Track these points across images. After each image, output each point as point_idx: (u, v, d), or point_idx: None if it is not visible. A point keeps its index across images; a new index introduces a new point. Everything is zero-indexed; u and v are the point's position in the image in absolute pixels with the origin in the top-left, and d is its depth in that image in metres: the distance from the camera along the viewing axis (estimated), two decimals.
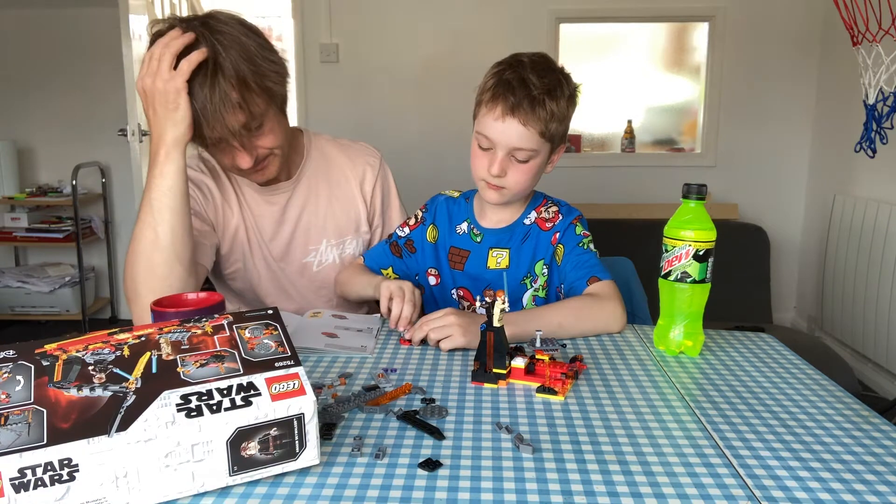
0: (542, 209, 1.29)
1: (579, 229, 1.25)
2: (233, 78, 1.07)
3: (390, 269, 1.36)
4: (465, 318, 1.06)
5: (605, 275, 1.20)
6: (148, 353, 0.67)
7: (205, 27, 1.08)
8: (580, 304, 1.16)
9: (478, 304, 1.30)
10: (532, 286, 1.27)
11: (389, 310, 1.13)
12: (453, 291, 1.31)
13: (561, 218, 1.27)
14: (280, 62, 1.16)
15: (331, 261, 1.37)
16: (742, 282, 3.06)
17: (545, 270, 1.26)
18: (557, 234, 1.25)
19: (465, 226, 1.32)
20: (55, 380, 0.63)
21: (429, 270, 1.34)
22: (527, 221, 1.28)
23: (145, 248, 1.07)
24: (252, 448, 0.64)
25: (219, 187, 1.29)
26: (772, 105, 3.55)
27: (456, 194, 1.36)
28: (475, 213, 1.32)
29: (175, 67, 1.05)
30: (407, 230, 1.37)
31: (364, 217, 1.39)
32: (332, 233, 1.36)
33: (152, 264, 1.07)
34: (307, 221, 1.34)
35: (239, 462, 0.64)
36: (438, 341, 1.05)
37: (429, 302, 1.34)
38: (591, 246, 1.24)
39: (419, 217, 1.37)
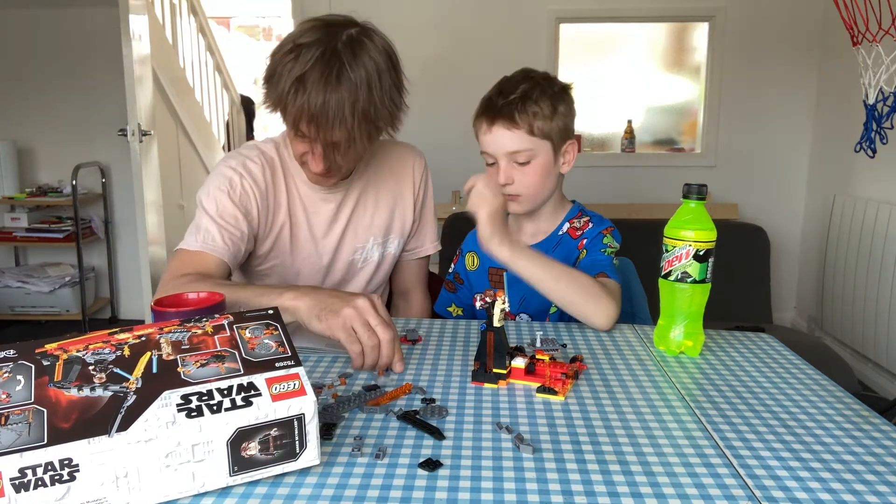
0: (576, 220, 1.30)
1: (607, 239, 1.26)
2: (358, 105, 1.08)
3: (453, 306, 1.43)
4: None
5: (614, 276, 1.21)
6: (148, 353, 0.67)
7: (359, 45, 1.10)
8: (587, 281, 1.15)
9: (478, 303, 1.30)
10: None
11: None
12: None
13: (591, 227, 1.29)
14: (400, 105, 1.17)
15: (375, 258, 1.38)
16: (742, 282, 3.06)
17: None
18: (584, 241, 1.27)
19: None
20: (55, 380, 0.63)
21: (475, 297, 1.36)
22: (560, 233, 1.31)
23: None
24: (252, 448, 0.64)
25: (274, 184, 1.28)
26: (772, 105, 3.55)
27: None
28: (511, 231, 1.34)
29: None
30: (452, 266, 1.44)
31: (410, 216, 1.40)
32: (378, 231, 1.37)
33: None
34: (357, 220, 1.34)
35: (239, 462, 0.64)
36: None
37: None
38: (614, 259, 1.26)
39: (459, 250, 1.44)
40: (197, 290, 0.97)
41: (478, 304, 0.94)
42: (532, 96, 1.20)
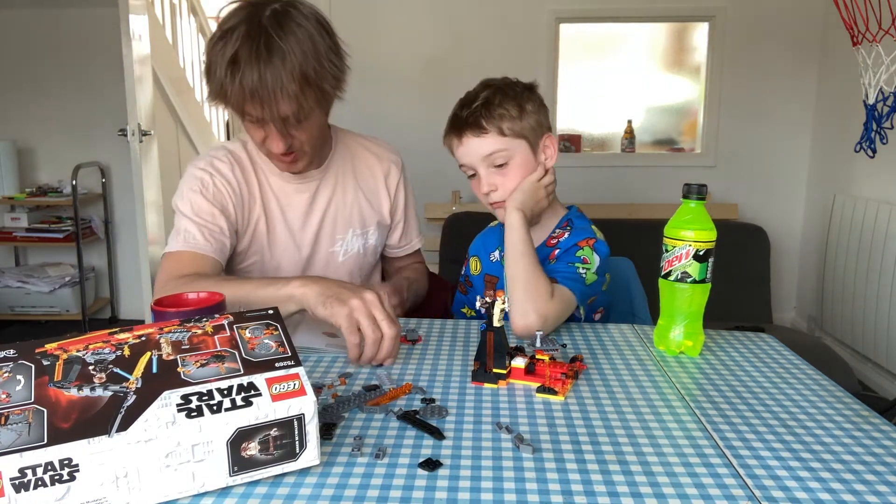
0: (559, 229, 1.28)
1: (581, 252, 1.21)
2: (296, 71, 1.09)
3: (466, 307, 1.42)
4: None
5: (569, 284, 1.16)
6: (148, 353, 0.67)
7: (284, 16, 1.11)
8: (541, 283, 1.12)
9: (478, 303, 1.30)
10: None
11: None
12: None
13: (566, 237, 1.25)
14: (342, 68, 1.18)
15: (355, 250, 1.39)
16: (742, 282, 3.06)
17: None
18: (556, 252, 1.24)
19: (497, 254, 1.35)
20: (55, 379, 0.63)
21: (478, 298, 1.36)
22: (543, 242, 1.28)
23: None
24: (252, 448, 0.64)
25: (245, 180, 1.29)
26: (772, 105, 3.55)
27: (494, 223, 1.41)
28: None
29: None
30: (464, 269, 1.44)
31: (387, 209, 1.42)
32: (357, 222, 1.38)
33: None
34: (335, 210, 1.35)
35: (239, 462, 0.64)
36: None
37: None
38: (582, 270, 1.19)
39: (467, 254, 1.44)
40: (197, 290, 0.97)
41: (477, 305, 0.94)
42: (495, 101, 1.20)
